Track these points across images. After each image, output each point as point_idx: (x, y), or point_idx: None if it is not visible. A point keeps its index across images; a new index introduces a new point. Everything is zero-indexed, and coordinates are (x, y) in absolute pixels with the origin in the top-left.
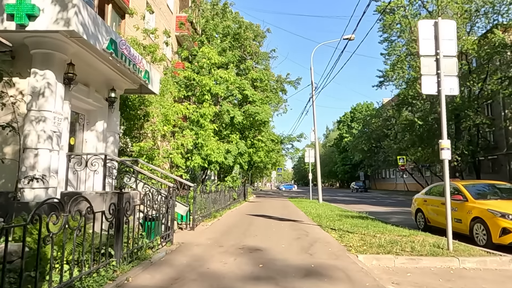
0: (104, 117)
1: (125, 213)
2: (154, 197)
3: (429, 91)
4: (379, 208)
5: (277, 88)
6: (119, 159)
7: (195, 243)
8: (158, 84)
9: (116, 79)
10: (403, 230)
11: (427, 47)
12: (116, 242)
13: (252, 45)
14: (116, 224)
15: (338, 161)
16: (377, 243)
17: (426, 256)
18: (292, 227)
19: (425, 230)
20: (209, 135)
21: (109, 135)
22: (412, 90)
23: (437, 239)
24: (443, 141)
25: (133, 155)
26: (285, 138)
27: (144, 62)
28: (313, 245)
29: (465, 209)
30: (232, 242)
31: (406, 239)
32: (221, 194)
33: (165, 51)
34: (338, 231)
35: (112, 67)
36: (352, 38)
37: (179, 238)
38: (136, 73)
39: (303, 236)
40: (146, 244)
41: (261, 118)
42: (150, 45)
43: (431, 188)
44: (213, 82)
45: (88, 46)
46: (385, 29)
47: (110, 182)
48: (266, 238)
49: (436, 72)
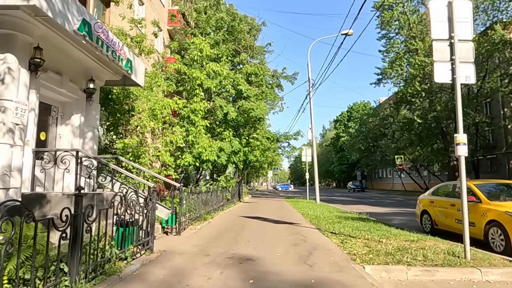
0: (81, 110)
1: (86, 219)
2: (127, 199)
3: (443, 79)
4: (378, 208)
5: (273, 83)
6: (92, 155)
7: (178, 251)
8: (143, 75)
9: (95, 68)
10: (410, 234)
11: (440, 30)
12: (72, 256)
13: (247, 38)
14: (72, 234)
15: (335, 160)
16: (384, 250)
17: (442, 267)
18: (289, 230)
19: (432, 233)
20: (200, 132)
21: (87, 130)
22: (411, 87)
23: (449, 245)
24: (458, 135)
25: (117, 153)
26: (281, 136)
27: (126, 50)
28: (312, 253)
29: (479, 211)
30: (220, 250)
31: (415, 245)
32: (213, 195)
33: (157, 46)
34: (339, 236)
35: (88, 54)
36: (350, 33)
37: (161, 244)
38: (116, 61)
39: (301, 241)
40: (116, 255)
41: (256, 114)
42: (136, 35)
43: (438, 188)
44: (205, 76)
45: (57, 26)
46: (383, 25)
47: (88, 182)
48: (259, 245)
49: (450, 58)
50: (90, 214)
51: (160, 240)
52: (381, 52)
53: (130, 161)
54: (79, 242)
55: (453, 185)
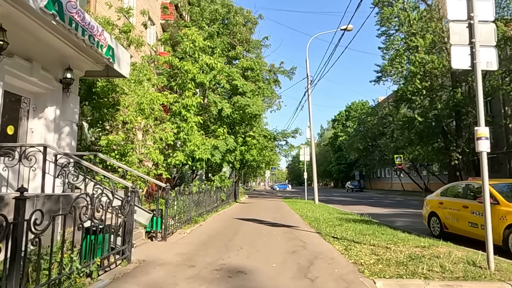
0: (56, 102)
1: (32, 228)
2: (95, 201)
3: (461, 65)
4: (379, 209)
5: (270, 79)
6: (62, 151)
7: (159, 261)
8: (128, 66)
9: (72, 56)
10: (419, 239)
11: (458, 9)
12: (9, 277)
13: (243, 31)
14: (11, 248)
15: (333, 160)
16: (395, 258)
17: (465, 280)
18: (286, 235)
19: (442, 237)
20: (192, 129)
21: (64, 125)
22: (411, 85)
23: (466, 252)
24: (480, 128)
25: (102, 150)
26: (278, 134)
27: (107, 36)
28: (314, 263)
29: (497, 214)
30: (208, 259)
31: (428, 252)
32: (206, 196)
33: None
34: (342, 241)
35: (63, 39)
36: (350, 28)
37: (142, 252)
38: (94, 48)
39: (300, 248)
40: (79, 270)
41: (252, 111)
42: (124, 24)
43: (447, 188)
44: (198, 70)
45: (20, 3)
46: (383, 22)
47: (64, 181)
48: (253, 253)
49: (469, 42)
50: (39, 222)
51: (142, 247)
52: (380, 49)
53: (116, 159)
54: (19, 258)
55: (465, 185)
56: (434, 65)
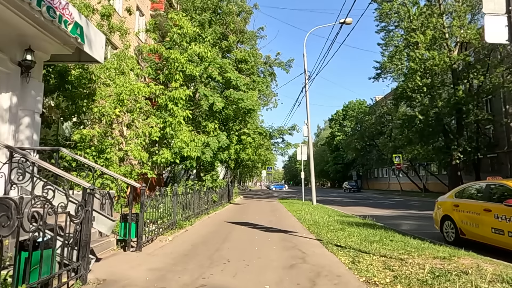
0: (12, 88)
1: None
2: (23, 206)
3: (496, 38)
4: (380, 210)
5: (265, 71)
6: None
7: (123, 281)
8: (102, 49)
9: (32, 35)
10: (435, 248)
11: None
12: None
13: (236, 21)
14: None
15: (330, 160)
16: (415, 275)
17: None
18: (283, 243)
19: (458, 244)
20: (180, 124)
21: (23, 115)
22: (411, 82)
23: (495, 265)
24: None
25: (77, 146)
26: (274, 131)
27: (74, 11)
28: (316, 283)
29: None
30: (185, 278)
31: (451, 265)
32: (194, 197)
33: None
34: (347, 251)
35: (18, 12)
36: (349, 21)
37: (107, 268)
38: (56, 23)
39: (299, 261)
40: None
41: (246, 105)
42: (103, 7)
43: (463, 189)
44: (187, 59)
45: None
46: (382, 17)
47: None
48: (242, 268)
49: (506, 10)
50: None
51: (108, 261)
52: (380, 46)
53: (93, 156)
54: None
55: (485, 185)
56: (435, 62)
